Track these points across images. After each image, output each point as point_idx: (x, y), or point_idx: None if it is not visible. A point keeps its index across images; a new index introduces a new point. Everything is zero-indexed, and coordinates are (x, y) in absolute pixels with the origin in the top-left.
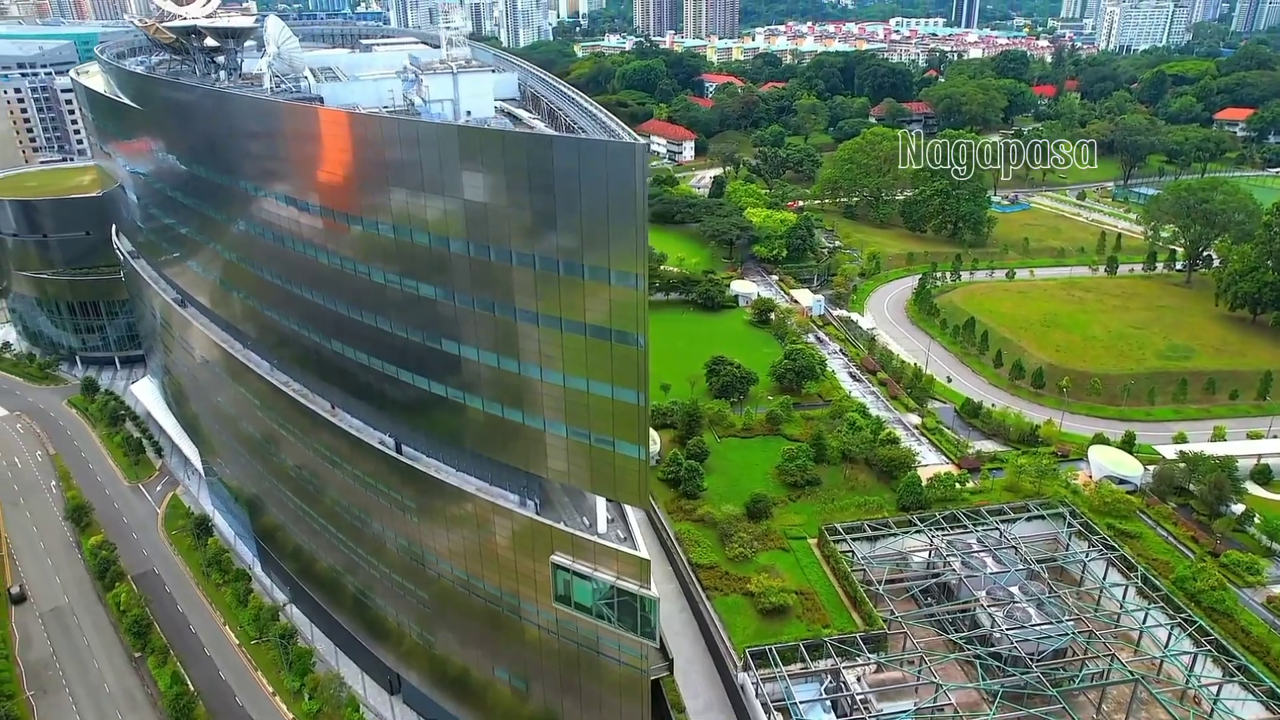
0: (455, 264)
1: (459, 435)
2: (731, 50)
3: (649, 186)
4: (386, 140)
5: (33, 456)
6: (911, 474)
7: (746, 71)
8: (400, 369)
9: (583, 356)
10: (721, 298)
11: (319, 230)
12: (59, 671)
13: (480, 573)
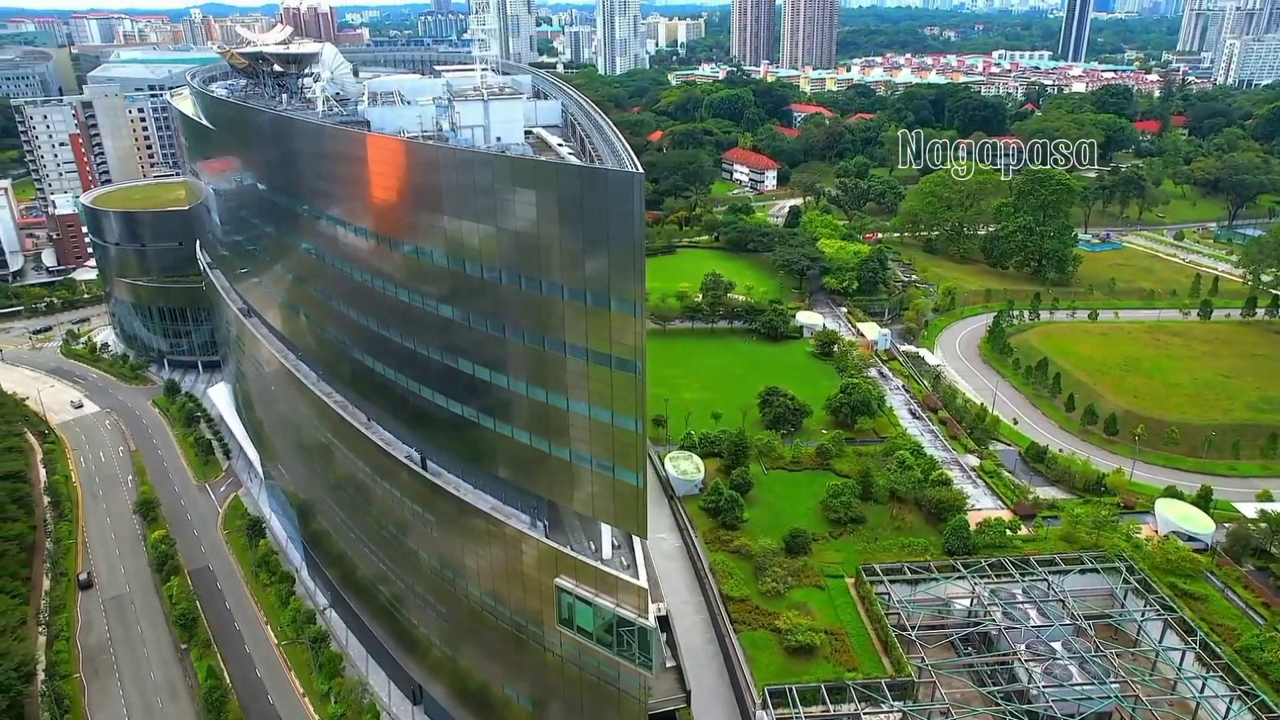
0: (465, 285)
1: (470, 452)
2: (825, 81)
3: (729, 214)
4: (398, 161)
5: (115, 452)
6: (959, 517)
7: (837, 102)
8: (421, 385)
9: (584, 382)
10: (785, 328)
11: (350, 247)
12: (112, 656)
13: (492, 591)
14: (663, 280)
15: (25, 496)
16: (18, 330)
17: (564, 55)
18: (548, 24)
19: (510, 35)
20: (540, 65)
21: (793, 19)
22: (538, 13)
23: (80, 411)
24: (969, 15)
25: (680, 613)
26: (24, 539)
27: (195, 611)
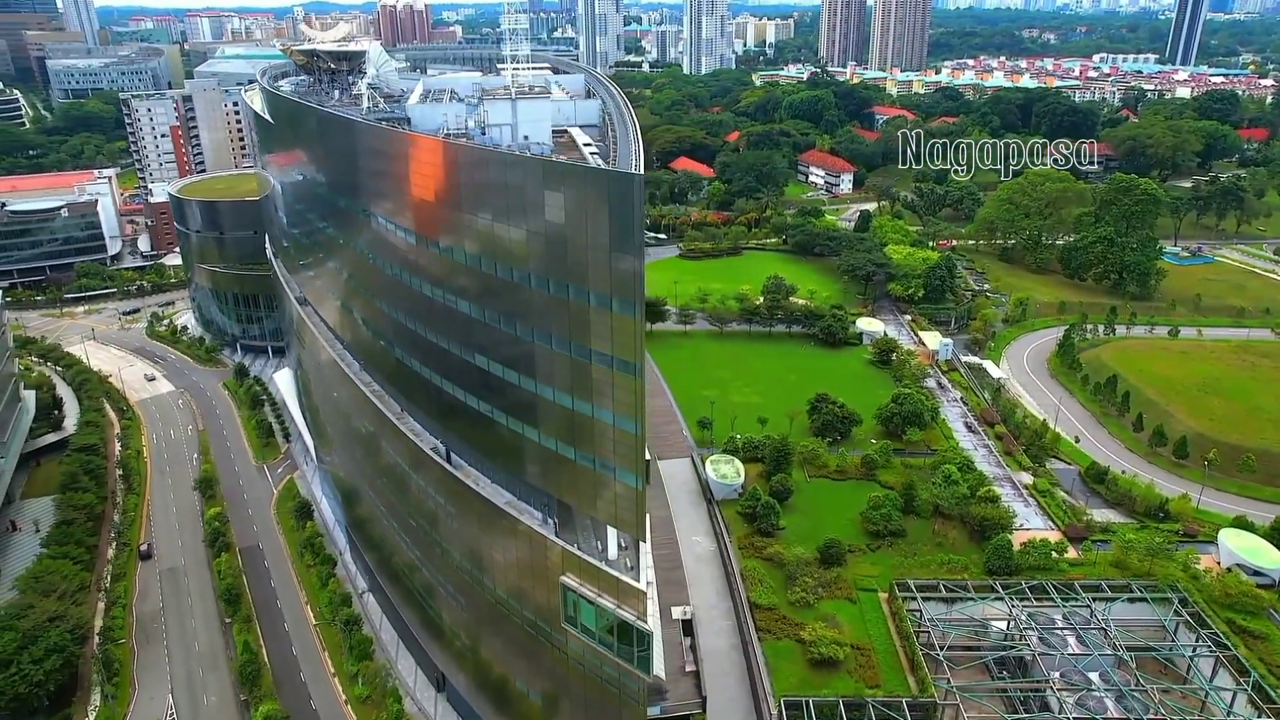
0: (473, 280)
1: (485, 446)
2: (912, 83)
3: (798, 217)
4: (411, 156)
5: (185, 430)
6: (1002, 536)
7: (921, 105)
8: (443, 379)
9: (586, 381)
10: (844, 334)
11: (379, 240)
12: (162, 624)
13: (505, 585)
14: (725, 282)
15: (98, 469)
16: (110, 311)
17: (650, 54)
18: (637, 23)
19: (597, 34)
20: (625, 64)
21: (883, 20)
22: (627, 12)
23: (153, 385)
24: (1071, 17)
25: (708, 618)
26: (92, 509)
27: (240, 587)
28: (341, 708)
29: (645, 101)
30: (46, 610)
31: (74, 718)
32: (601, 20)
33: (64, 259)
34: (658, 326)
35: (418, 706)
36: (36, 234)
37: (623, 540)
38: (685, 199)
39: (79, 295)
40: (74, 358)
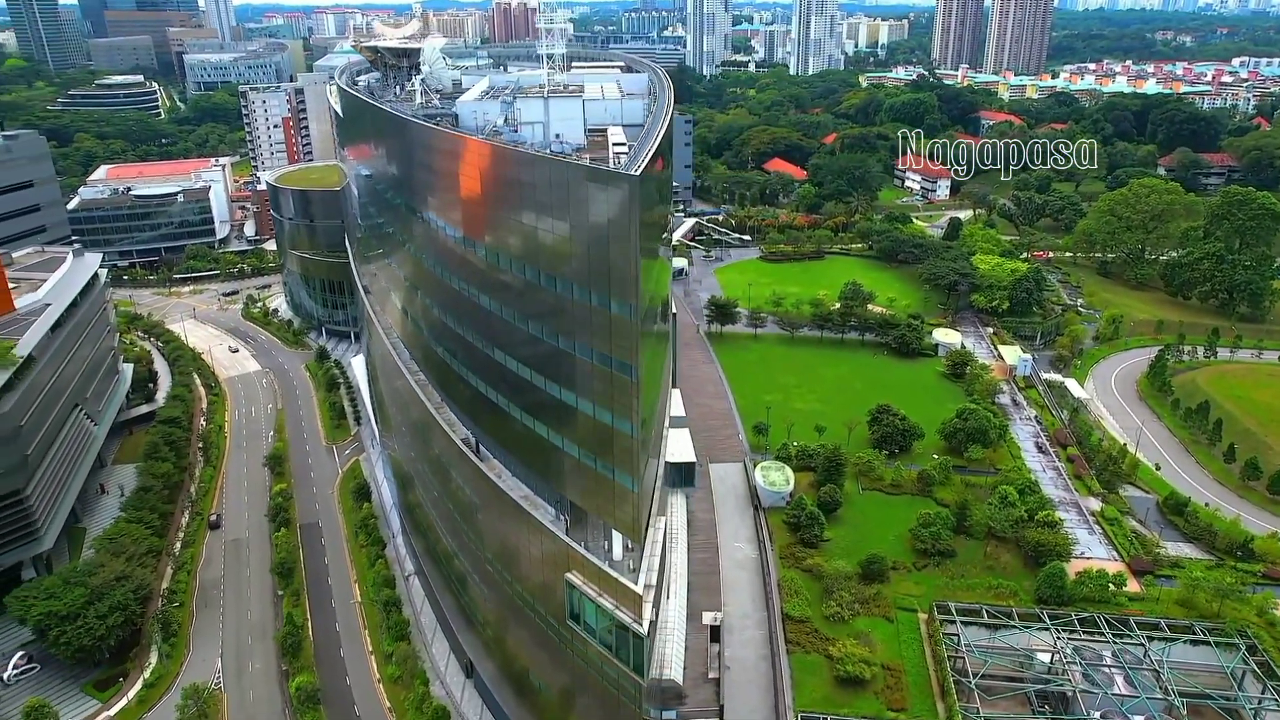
0: (488, 275)
1: (503, 439)
2: (1026, 87)
3: (883, 222)
4: (432, 148)
5: (265, 409)
6: (1055, 564)
7: (1030, 110)
8: (469, 370)
9: (588, 380)
10: (919, 345)
11: (414, 231)
12: (221, 592)
13: (520, 579)
14: (803, 286)
15: (178, 440)
16: (212, 292)
17: (758, 54)
18: (748, 22)
19: (705, 33)
20: (732, 63)
21: (1000, 21)
22: (738, 11)
23: (241, 363)
24: (1213, 18)
25: (740, 626)
26: (169, 478)
27: (295, 562)
28: (374, 685)
29: (746, 101)
30: (115, 570)
31: (131, 672)
32: (709, 19)
33: (177, 241)
34: (727, 329)
35: (445, 691)
36: (155, 217)
37: (629, 541)
38: (776, 201)
39: (186, 276)
40: (173, 335)
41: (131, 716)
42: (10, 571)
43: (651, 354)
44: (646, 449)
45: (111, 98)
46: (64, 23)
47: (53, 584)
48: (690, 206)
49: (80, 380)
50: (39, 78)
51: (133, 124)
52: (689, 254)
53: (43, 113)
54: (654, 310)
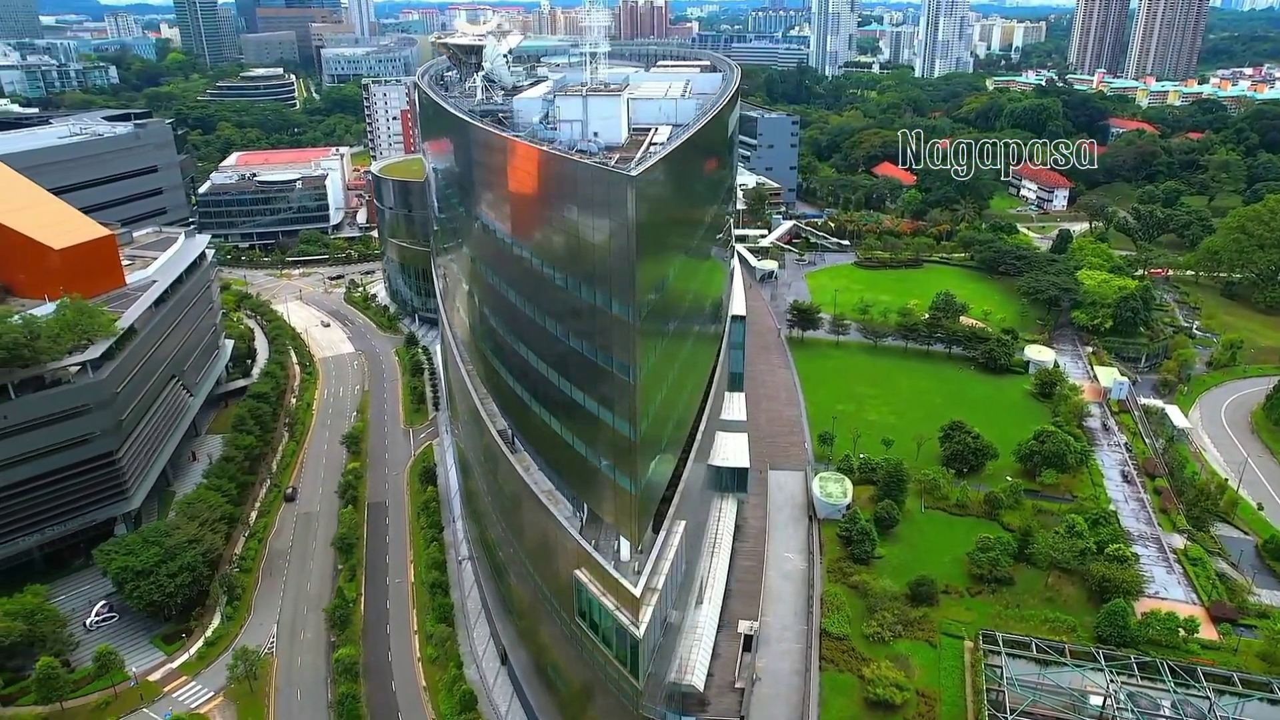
0: (506, 266)
1: (526, 431)
2: (1168, 93)
3: (986, 232)
4: (461, 139)
5: (352, 390)
6: (1118, 601)
7: (1167, 119)
8: (499, 362)
9: (593, 380)
10: (1008, 361)
11: (459, 224)
12: (287, 562)
13: (541, 571)
14: (895, 294)
15: (264, 415)
16: (319, 275)
17: (883, 55)
18: (877, 23)
19: (828, 33)
20: (855, 64)
21: (1146, 24)
22: (867, 11)
23: (336, 345)
24: None
25: (779, 638)
26: (252, 450)
27: (355, 538)
28: (414, 663)
29: (863, 103)
30: (188, 533)
31: (194, 630)
32: (834, 19)
33: (294, 225)
34: (809, 334)
35: (480, 675)
36: (276, 202)
37: (640, 544)
38: (883, 206)
39: (298, 259)
40: (276, 314)
41: (191, 670)
42: (104, 526)
43: (670, 355)
44: (651, 451)
45: (253, 89)
46: (221, 20)
47: (133, 541)
48: (793, 209)
49: (179, 353)
50: (195, 70)
51: (269, 114)
52: (781, 257)
53: (192, 103)
54: (690, 310)
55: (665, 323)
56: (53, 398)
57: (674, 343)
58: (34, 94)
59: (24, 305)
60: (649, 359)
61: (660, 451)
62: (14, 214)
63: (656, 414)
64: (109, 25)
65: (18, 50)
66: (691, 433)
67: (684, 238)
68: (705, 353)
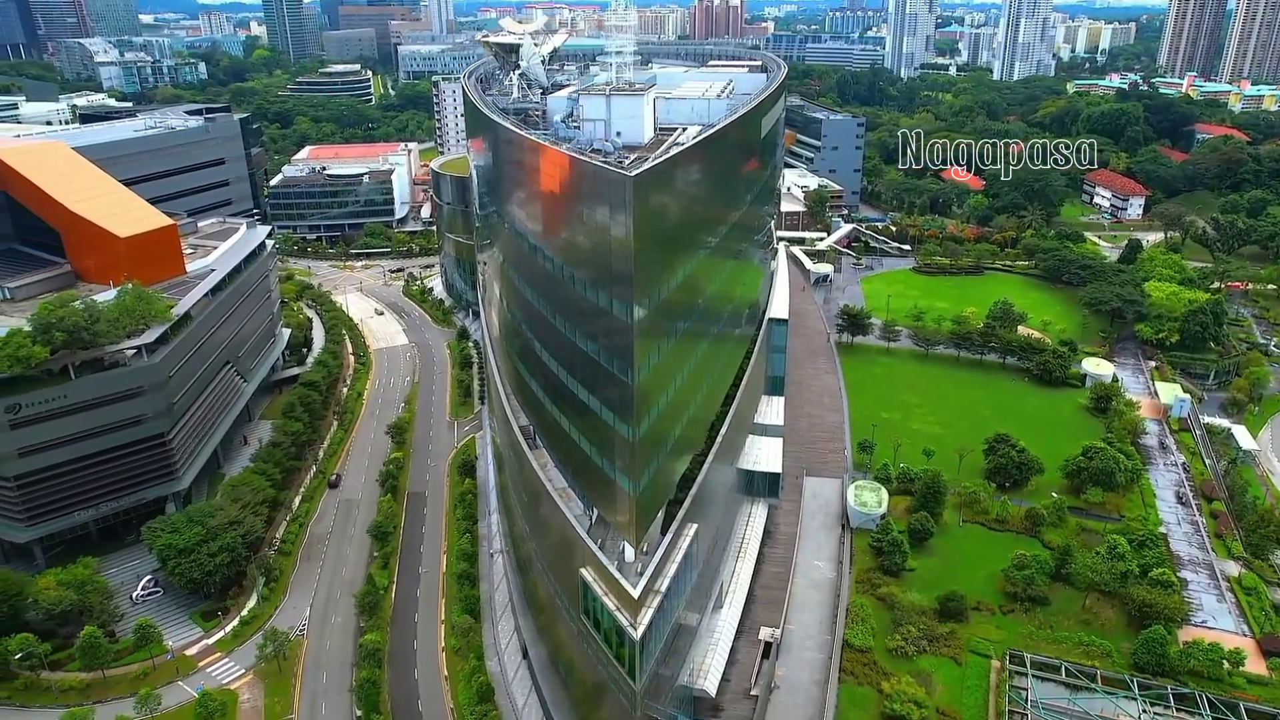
0: (523, 259)
1: (541, 427)
2: (1264, 98)
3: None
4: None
5: (403, 381)
6: (1157, 628)
7: (1259, 124)
8: (518, 358)
9: (595, 378)
10: (1064, 373)
11: (488, 219)
12: (325, 547)
13: (554, 567)
14: (952, 301)
15: (314, 403)
16: (380, 268)
17: (961, 57)
18: (958, 24)
19: (905, 34)
20: (931, 66)
21: (1244, 24)
22: (947, 12)
23: (391, 336)
24: None
25: (801, 646)
26: (299, 436)
27: (391, 527)
28: (437, 653)
29: (935, 106)
30: (230, 514)
31: (231, 608)
32: (911, 20)
33: (360, 219)
34: (858, 340)
35: (501, 668)
36: (344, 195)
37: (646, 544)
38: (948, 211)
39: (361, 251)
40: (335, 305)
41: (225, 647)
42: (156, 504)
43: (679, 356)
44: (652, 452)
45: (330, 85)
46: (306, 17)
47: (178, 520)
48: (856, 211)
49: (234, 340)
50: (279, 66)
51: (344, 109)
52: (838, 260)
53: (273, 98)
54: (709, 311)
55: (672, 323)
56: (109, 379)
57: (685, 344)
58: (130, 89)
59: (91, 290)
60: (650, 360)
61: (665, 454)
62: (85, 203)
63: (661, 415)
64: (203, 23)
65: (117, 47)
66: (711, 435)
67: (698, 238)
68: (729, 354)
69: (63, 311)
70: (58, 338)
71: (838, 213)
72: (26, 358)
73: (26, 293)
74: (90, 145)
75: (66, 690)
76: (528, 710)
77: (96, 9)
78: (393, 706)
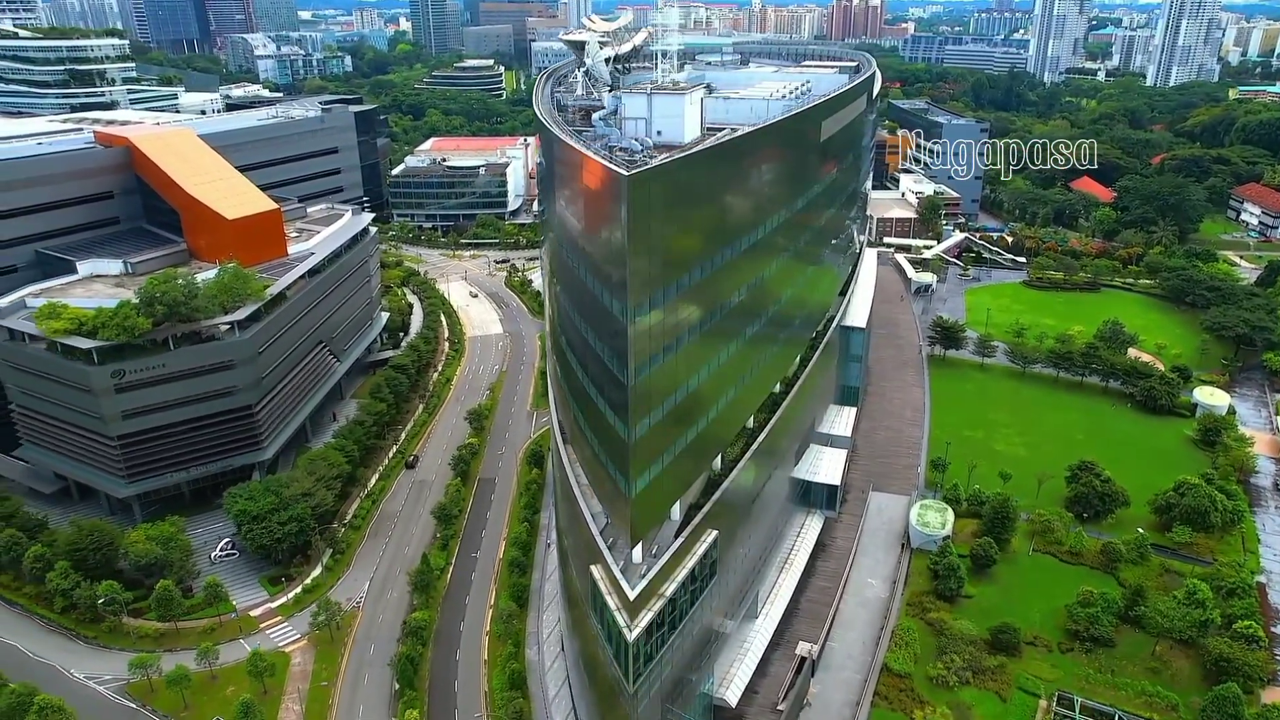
0: (556, 258)
1: (567, 422)
2: None
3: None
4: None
5: (492, 369)
6: (1233, 685)
7: None
8: (555, 353)
9: (600, 375)
10: (1170, 401)
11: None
12: (394, 524)
13: (576, 563)
14: (1059, 318)
15: (400, 385)
16: (486, 258)
17: (1111, 61)
18: (1114, 25)
19: (1051, 37)
20: (1077, 71)
21: None
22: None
23: (484, 320)
24: None
25: (840, 665)
26: (381, 417)
27: (455, 510)
28: (482, 636)
29: (1074, 112)
30: (303, 486)
31: (296, 576)
32: (1058, 22)
33: (475, 210)
34: (952, 353)
35: (539, 657)
36: (460, 187)
37: (656, 547)
38: (1075, 223)
39: (470, 241)
40: (437, 292)
41: (286, 612)
42: (244, 471)
43: (693, 358)
44: (652, 454)
45: (463, 78)
46: (448, 13)
47: (255, 488)
48: (974, 220)
49: (329, 320)
50: (418, 61)
51: (474, 103)
52: (943, 270)
53: (408, 90)
54: (742, 314)
55: (683, 326)
56: (204, 351)
57: (703, 347)
58: (282, 80)
59: (201, 268)
60: (649, 362)
61: (671, 457)
62: (201, 186)
63: (667, 418)
64: (356, 19)
65: (275, 42)
66: (747, 442)
67: (718, 241)
68: (772, 360)
69: (165, 287)
70: (159, 311)
71: (953, 221)
72: (131, 328)
73: (145, 268)
74: (215, 133)
75: (143, 637)
76: (558, 701)
77: (262, 6)
78: (431, 684)
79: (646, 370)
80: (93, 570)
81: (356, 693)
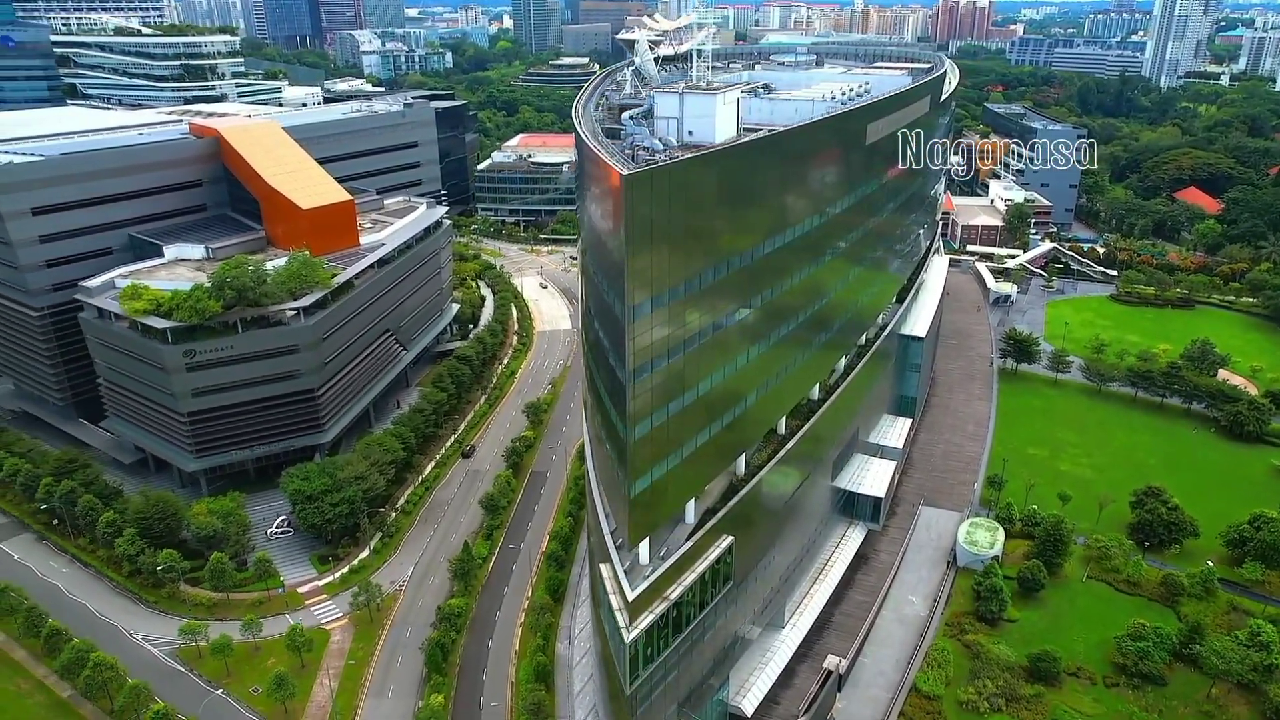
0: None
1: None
2: None
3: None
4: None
5: (556, 364)
6: None
7: None
8: (584, 350)
9: (606, 373)
10: (1259, 428)
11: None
12: (444, 512)
13: (592, 560)
14: (1146, 335)
15: (463, 376)
16: (563, 254)
17: (1237, 64)
18: (1245, 26)
19: (1170, 39)
20: (1197, 75)
21: None
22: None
23: (555, 315)
24: None
25: (870, 682)
26: (441, 406)
27: (503, 501)
28: (515, 626)
29: (1187, 119)
30: (356, 470)
31: (344, 556)
32: (1179, 23)
33: (555, 205)
34: (1024, 368)
35: (569, 651)
36: (543, 182)
37: (665, 549)
38: (1177, 236)
39: (549, 237)
40: (509, 285)
41: (332, 591)
42: (307, 452)
43: (703, 361)
44: (653, 456)
45: (558, 76)
46: (549, 11)
47: (311, 469)
48: (1066, 230)
49: (397, 310)
50: (517, 58)
51: (567, 100)
52: (1025, 281)
53: (504, 87)
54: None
55: (690, 328)
56: (270, 335)
57: (717, 350)
58: (385, 75)
59: (276, 255)
60: (650, 363)
61: (676, 461)
62: (280, 176)
63: (673, 420)
64: (461, 16)
65: (380, 38)
66: (775, 448)
67: (736, 244)
68: (807, 366)
69: (235, 272)
70: (229, 295)
71: (1043, 229)
72: (203, 310)
73: (225, 254)
74: (299, 125)
75: (198, 605)
76: (582, 695)
77: (371, 3)
78: (461, 670)
79: (648, 371)
80: (158, 538)
81: (389, 673)
